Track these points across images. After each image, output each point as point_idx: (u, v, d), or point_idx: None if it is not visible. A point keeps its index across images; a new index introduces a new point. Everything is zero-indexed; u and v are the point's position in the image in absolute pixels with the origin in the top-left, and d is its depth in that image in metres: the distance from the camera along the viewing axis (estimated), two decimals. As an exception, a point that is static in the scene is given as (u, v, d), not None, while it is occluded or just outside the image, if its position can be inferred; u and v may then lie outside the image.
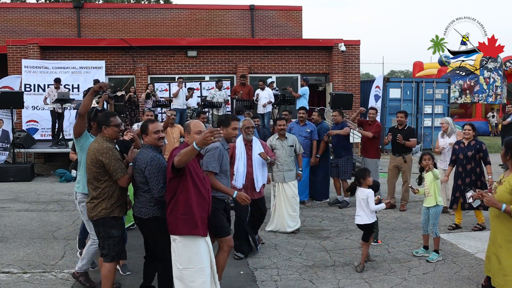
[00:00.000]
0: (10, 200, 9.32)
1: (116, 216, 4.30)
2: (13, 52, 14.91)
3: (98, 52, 15.24)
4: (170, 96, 13.86)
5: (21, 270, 5.48)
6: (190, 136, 4.10)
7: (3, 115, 12.29)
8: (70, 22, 21.31)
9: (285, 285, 5.06)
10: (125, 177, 4.23)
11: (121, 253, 4.39)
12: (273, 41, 16.34)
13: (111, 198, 4.26)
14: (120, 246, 4.34)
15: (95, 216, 4.28)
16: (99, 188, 4.25)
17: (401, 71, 58.22)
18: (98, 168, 4.21)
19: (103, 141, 4.30)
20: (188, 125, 4.18)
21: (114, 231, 4.28)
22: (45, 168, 13.10)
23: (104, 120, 4.38)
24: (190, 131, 4.11)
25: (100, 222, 4.28)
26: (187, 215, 3.92)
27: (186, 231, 3.93)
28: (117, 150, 4.34)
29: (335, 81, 15.89)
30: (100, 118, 4.48)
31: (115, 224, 4.30)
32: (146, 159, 4.11)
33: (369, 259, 5.68)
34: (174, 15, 21.93)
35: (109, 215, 4.25)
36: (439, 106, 16.76)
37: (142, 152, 4.24)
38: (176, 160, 3.74)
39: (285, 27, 22.24)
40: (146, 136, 4.28)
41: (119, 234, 4.32)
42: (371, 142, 8.74)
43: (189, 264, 3.94)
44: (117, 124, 4.39)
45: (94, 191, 4.28)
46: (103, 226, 4.28)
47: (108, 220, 4.26)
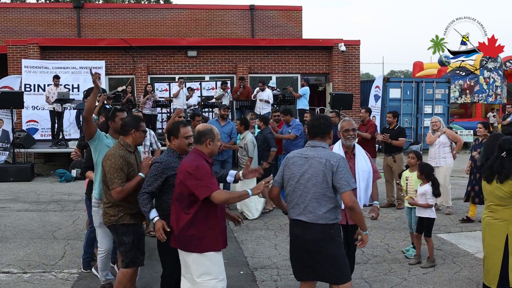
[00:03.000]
0: (10, 200, 9.32)
1: (126, 223, 4.12)
2: (13, 52, 14.91)
3: (98, 52, 15.24)
4: (170, 96, 13.86)
5: (21, 270, 5.47)
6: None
7: (3, 115, 12.29)
8: (70, 22, 21.31)
9: (285, 285, 5.06)
10: (116, 189, 3.96)
11: (136, 259, 4.18)
12: (273, 41, 16.34)
13: (119, 206, 4.10)
14: (133, 252, 4.14)
15: (107, 223, 4.18)
16: (107, 195, 4.12)
17: (401, 71, 58.19)
18: (105, 174, 4.11)
19: (117, 146, 4.15)
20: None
21: (125, 237, 4.12)
22: (45, 168, 13.10)
23: (135, 124, 4.19)
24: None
25: (112, 229, 4.19)
26: (212, 230, 3.64)
27: (213, 247, 3.65)
28: (126, 159, 4.07)
29: (335, 81, 15.89)
30: (128, 121, 4.24)
31: (126, 230, 4.12)
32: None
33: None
34: (174, 15, 21.93)
35: (117, 222, 4.10)
36: (439, 106, 16.76)
37: (167, 157, 3.95)
38: (222, 199, 3.52)
39: (285, 27, 22.24)
40: (174, 139, 3.97)
41: (131, 241, 4.12)
42: (366, 142, 8.80)
43: (207, 276, 3.64)
44: (145, 130, 4.28)
45: (104, 196, 4.18)
46: (115, 233, 4.19)
47: (118, 227, 4.13)
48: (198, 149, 3.72)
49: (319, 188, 3.61)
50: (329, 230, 3.63)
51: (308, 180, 3.65)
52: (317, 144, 3.78)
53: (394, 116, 8.84)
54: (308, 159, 3.69)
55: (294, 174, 3.73)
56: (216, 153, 3.83)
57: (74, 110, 13.35)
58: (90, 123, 4.44)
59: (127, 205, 4.10)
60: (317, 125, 3.84)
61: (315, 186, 3.63)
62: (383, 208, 8.51)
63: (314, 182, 3.63)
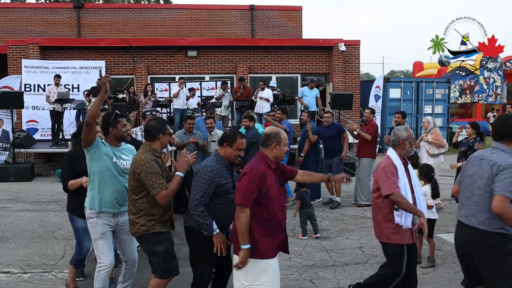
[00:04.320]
0: (10, 200, 9.32)
1: (157, 231, 3.88)
2: (13, 52, 14.91)
3: (98, 52, 15.24)
4: (170, 96, 13.86)
5: (21, 270, 5.48)
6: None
7: (3, 115, 12.29)
8: (70, 22, 21.31)
9: (285, 285, 5.06)
10: (161, 193, 3.73)
11: (169, 269, 3.93)
12: (273, 41, 16.34)
13: (150, 215, 3.87)
14: (166, 262, 3.91)
15: (135, 233, 3.94)
16: (137, 204, 3.88)
17: (401, 71, 58.17)
18: (135, 182, 3.84)
19: (145, 151, 3.90)
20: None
21: (157, 247, 3.88)
22: (45, 168, 13.10)
23: (161, 128, 3.95)
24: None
25: (141, 239, 3.93)
26: (266, 236, 3.56)
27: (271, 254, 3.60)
28: (158, 162, 3.88)
29: (335, 81, 15.89)
30: (155, 125, 3.96)
31: (158, 240, 3.89)
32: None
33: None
34: (174, 15, 21.93)
35: (148, 231, 3.87)
36: (439, 106, 16.76)
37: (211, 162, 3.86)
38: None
39: (285, 27, 22.24)
40: (227, 147, 3.87)
41: (164, 250, 3.89)
42: (365, 142, 8.81)
43: (255, 281, 3.57)
44: (170, 132, 4.15)
45: (132, 206, 3.92)
46: (146, 243, 3.92)
47: (149, 236, 3.88)
48: (263, 152, 3.64)
49: (482, 191, 3.47)
50: (490, 238, 3.43)
51: (475, 182, 3.53)
52: (499, 147, 3.52)
53: (403, 116, 8.90)
54: (482, 161, 3.53)
55: (465, 174, 3.66)
56: (282, 157, 3.70)
57: (74, 110, 13.36)
58: (92, 129, 3.99)
59: (158, 213, 3.89)
60: (504, 126, 3.52)
61: (479, 189, 3.49)
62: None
63: (479, 184, 3.50)
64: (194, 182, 3.82)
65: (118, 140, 4.22)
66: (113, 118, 4.13)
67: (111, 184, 4.13)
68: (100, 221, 4.14)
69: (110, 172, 4.12)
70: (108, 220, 4.18)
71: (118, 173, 4.17)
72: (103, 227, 4.15)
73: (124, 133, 4.25)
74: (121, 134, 4.19)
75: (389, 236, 4.01)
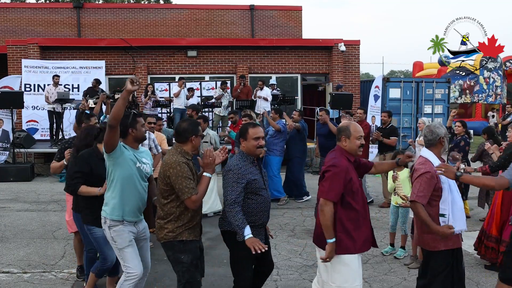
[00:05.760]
0: (10, 200, 9.32)
1: (184, 240, 3.69)
2: (13, 52, 14.91)
3: (98, 52, 15.24)
4: (170, 96, 13.87)
5: (21, 270, 5.48)
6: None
7: (3, 115, 12.29)
8: (70, 22, 21.32)
9: (285, 285, 5.06)
10: (192, 198, 3.55)
11: (193, 281, 3.72)
12: (273, 41, 16.34)
13: (178, 220, 3.67)
14: (190, 273, 3.70)
15: (162, 239, 3.73)
16: (165, 208, 3.68)
17: (401, 71, 58.26)
18: (165, 185, 3.64)
19: (175, 153, 3.69)
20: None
21: (183, 256, 3.68)
22: (45, 168, 13.08)
23: (193, 129, 3.74)
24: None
25: (167, 246, 3.73)
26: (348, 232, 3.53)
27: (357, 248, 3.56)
28: (190, 165, 3.68)
29: (335, 81, 15.89)
30: (187, 127, 3.75)
31: (184, 248, 3.69)
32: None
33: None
34: (174, 15, 21.94)
35: (175, 238, 3.68)
36: (439, 106, 16.76)
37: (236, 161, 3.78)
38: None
39: (285, 27, 22.24)
40: (244, 141, 3.80)
41: (189, 260, 3.70)
42: None
43: (344, 283, 3.54)
44: (202, 134, 4.03)
45: (161, 210, 3.73)
46: (171, 250, 3.72)
47: (175, 244, 3.69)
48: (339, 146, 3.66)
49: None
50: None
51: None
52: None
53: (389, 115, 9.04)
54: None
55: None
56: (355, 151, 3.62)
57: (74, 110, 13.35)
58: (116, 133, 3.65)
59: (187, 219, 3.70)
60: None
61: None
62: (382, 208, 8.52)
63: None
64: (224, 185, 3.76)
65: (138, 141, 3.98)
66: (131, 119, 3.86)
67: (135, 192, 3.92)
68: (126, 229, 3.93)
69: (136, 178, 3.91)
70: (132, 228, 3.99)
71: (142, 179, 3.98)
72: (129, 234, 3.95)
73: (144, 133, 4.00)
74: (141, 134, 3.95)
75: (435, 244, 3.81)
